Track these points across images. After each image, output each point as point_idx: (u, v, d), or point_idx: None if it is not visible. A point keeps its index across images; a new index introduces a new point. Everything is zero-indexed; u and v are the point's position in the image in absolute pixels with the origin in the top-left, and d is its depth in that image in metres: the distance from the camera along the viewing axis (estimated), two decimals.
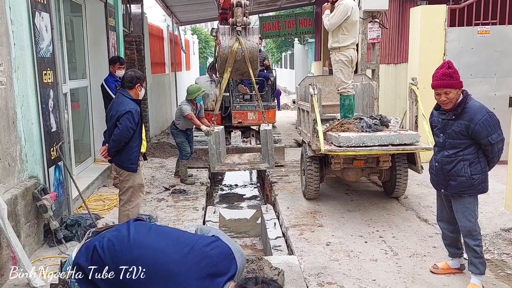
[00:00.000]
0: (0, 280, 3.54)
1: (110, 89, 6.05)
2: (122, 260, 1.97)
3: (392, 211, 5.42)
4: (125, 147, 4.33)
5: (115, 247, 2.01)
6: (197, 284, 1.90)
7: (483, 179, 3.49)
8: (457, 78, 3.41)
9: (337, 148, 4.92)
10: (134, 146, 4.39)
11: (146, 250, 1.99)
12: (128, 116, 4.21)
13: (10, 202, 3.71)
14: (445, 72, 3.43)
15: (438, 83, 3.45)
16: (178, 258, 1.95)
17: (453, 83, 3.40)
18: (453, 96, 3.43)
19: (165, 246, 2.00)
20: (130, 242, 2.02)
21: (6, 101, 3.91)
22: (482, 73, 7.30)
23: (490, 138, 3.38)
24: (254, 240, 5.88)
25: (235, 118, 8.64)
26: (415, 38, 7.56)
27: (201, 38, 27.02)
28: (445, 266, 3.84)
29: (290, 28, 16.64)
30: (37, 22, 4.29)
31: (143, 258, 1.96)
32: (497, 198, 5.40)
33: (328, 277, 3.77)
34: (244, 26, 6.14)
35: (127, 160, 4.37)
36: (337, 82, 5.88)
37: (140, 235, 2.06)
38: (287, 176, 7.13)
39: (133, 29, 9.52)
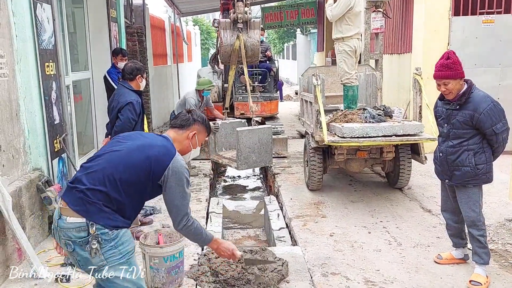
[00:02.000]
0: (5, 271, 3.56)
1: (113, 81, 6.03)
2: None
3: (396, 201, 5.41)
4: None
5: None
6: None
7: (487, 169, 3.48)
8: (456, 69, 3.37)
9: (341, 139, 4.91)
10: None
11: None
12: (129, 107, 4.19)
13: (15, 194, 3.72)
14: (443, 63, 3.40)
15: (436, 74, 3.44)
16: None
17: (451, 74, 3.37)
18: (452, 87, 3.40)
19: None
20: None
21: (9, 93, 3.90)
22: (487, 63, 7.24)
23: (494, 128, 3.36)
24: (258, 231, 5.89)
25: (238, 109, 8.62)
26: (419, 27, 7.50)
27: (202, 29, 26.90)
28: (449, 256, 3.84)
29: (292, 18, 16.52)
30: (39, 14, 4.26)
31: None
32: (501, 189, 5.39)
33: (332, 268, 3.78)
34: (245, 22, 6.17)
35: None
36: (341, 72, 5.85)
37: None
38: (290, 167, 7.13)
39: (135, 21, 9.48)
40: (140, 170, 2.35)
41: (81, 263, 2.34)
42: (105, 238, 2.28)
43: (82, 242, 2.27)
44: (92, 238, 2.26)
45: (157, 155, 2.38)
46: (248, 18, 6.51)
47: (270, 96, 9.11)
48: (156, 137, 2.53)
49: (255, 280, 3.31)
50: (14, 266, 3.55)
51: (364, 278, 3.59)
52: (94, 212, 2.28)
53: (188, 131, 2.59)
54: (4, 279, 3.51)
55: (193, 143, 2.62)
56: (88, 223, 2.27)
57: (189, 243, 4.10)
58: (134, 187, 2.36)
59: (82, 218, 2.28)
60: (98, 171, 2.35)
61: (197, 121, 2.62)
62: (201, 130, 2.66)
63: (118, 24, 7.45)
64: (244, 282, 3.30)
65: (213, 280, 3.40)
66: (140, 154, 2.38)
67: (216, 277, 3.40)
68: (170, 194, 2.41)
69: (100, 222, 2.28)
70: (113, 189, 2.31)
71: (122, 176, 2.33)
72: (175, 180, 2.39)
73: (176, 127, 2.60)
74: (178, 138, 2.57)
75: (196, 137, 2.62)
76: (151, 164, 2.36)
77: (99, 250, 2.27)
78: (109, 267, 2.31)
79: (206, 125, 2.69)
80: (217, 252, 2.71)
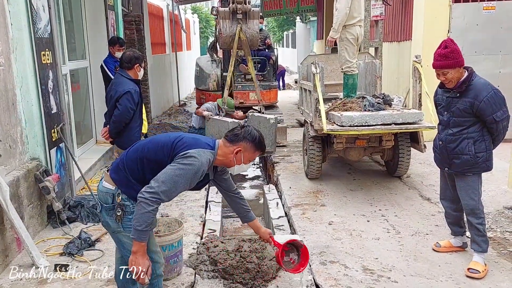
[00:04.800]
0: (5, 260, 3.57)
1: (109, 70, 5.96)
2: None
3: (395, 190, 5.41)
4: (126, 128, 4.31)
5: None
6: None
7: (487, 157, 3.47)
8: (454, 57, 3.33)
9: (340, 128, 4.88)
10: (135, 126, 4.37)
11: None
12: (127, 96, 4.17)
13: (12, 184, 3.71)
14: (441, 52, 3.37)
15: (435, 64, 3.42)
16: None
17: (449, 63, 3.33)
18: (451, 76, 3.37)
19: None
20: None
21: (5, 82, 3.87)
22: (487, 50, 7.19)
23: (495, 116, 3.34)
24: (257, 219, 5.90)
25: (237, 98, 8.58)
26: (419, 14, 7.43)
27: (201, 17, 26.67)
28: (448, 244, 3.84)
29: (292, 6, 16.38)
30: (34, 2, 4.21)
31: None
32: (501, 177, 5.39)
33: (331, 256, 3.78)
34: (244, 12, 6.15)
35: (128, 141, 4.34)
36: (342, 60, 5.78)
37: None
38: (289, 156, 7.12)
39: (132, 9, 9.38)
40: (165, 150, 2.48)
41: (104, 224, 2.65)
42: (127, 209, 2.50)
43: (107, 208, 2.53)
44: (117, 206, 2.49)
45: (187, 142, 2.49)
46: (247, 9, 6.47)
47: (270, 85, 9.08)
48: (203, 137, 2.67)
49: (254, 269, 3.31)
50: (14, 266, 3.55)
51: (362, 266, 3.60)
52: (122, 181, 2.51)
53: (234, 147, 2.60)
54: (4, 268, 3.52)
55: (236, 159, 2.61)
56: (115, 192, 2.51)
57: (188, 232, 4.12)
58: (155, 163, 2.47)
59: (113, 186, 2.52)
60: (139, 143, 2.64)
61: (246, 138, 2.60)
62: (249, 148, 2.62)
63: (115, 12, 7.37)
64: (243, 271, 3.30)
65: (212, 269, 3.41)
66: (174, 139, 2.53)
67: (214, 265, 3.41)
68: (166, 168, 2.40)
69: (125, 191, 2.50)
70: (140, 159, 2.50)
71: (151, 151, 2.51)
72: (180, 160, 2.40)
73: (227, 139, 2.64)
74: (224, 149, 2.61)
75: (241, 154, 2.61)
76: (176, 146, 2.48)
77: (122, 219, 2.50)
78: (124, 235, 2.53)
79: (256, 144, 2.63)
80: (132, 256, 2.39)
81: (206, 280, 3.35)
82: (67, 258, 3.73)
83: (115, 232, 2.57)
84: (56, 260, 3.68)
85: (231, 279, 3.30)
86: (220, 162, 2.61)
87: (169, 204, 4.98)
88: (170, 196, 2.39)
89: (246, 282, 3.26)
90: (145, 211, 2.30)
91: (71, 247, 3.81)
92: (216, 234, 4.37)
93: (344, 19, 5.48)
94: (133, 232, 2.35)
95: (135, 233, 2.35)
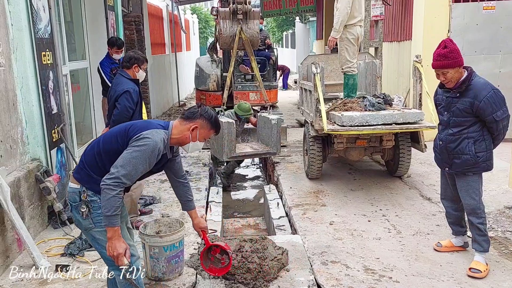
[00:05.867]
0: (5, 261, 3.56)
1: (104, 73, 5.88)
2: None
3: (395, 190, 5.41)
4: None
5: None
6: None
7: (487, 156, 3.46)
8: (453, 57, 3.33)
9: (340, 128, 4.88)
10: None
11: None
12: (126, 95, 4.16)
13: (13, 184, 3.70)
14: (440, 52, 3.37)
15: (434, 64, 3.42)
16: None
17: (448, 63, 3.33)
18: (451, 76, 3.37)
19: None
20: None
21: (6, 83, 3.87)
22: (487, 50, 7.19)
23: (495, 115, 3.33)
24: (257, 220, 5.90)
25: (237, 98, 8.57)
26: (419, 14, 7.43)
27: (201, 18, 26.67)
28: (449, 244, 3.84)
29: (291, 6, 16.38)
30: (34, 2, 4.21)
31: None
32: (501, 176, 5.39)
33: (332, 256, 3.78)
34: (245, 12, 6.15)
35: None
36: (342, 60, 5.78)
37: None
38: (290, 156, 7.12)
39: (132, 9, 9.38)
40: (120, 139, 2.55)
41: (76, 223, 2.69)
42: (94, 205, 2.56)
43: (75, 206, 2.60)
44: (82, 203, 2.56)
45: (139, 127, 2.57)
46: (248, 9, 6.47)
47: (270, 85, 9.07)
48: (153, 120, 2.74)
49: (255, 269, 3.31)
50: (15, 266, 3.55)
51: (364, 266, 3.60)
52: (84, 178, 2.57)
53: (191, 123, 2.67)
54: (4, 269, 3.51)
55: (192, 136, 2.67)
56: (81, 190, 2.57)
57: (189, 232, 4.11)
58: (112, 154, 2.52)
59: (78, 184, 2.59)
60: (94, 141, 2.68)
61: (203, 116, 2.68)
62: (205, 126, 2.69)
63: (115, 12, 7.37)
64: (244, 271, 3.30)
65: None
66: (126, 127, 2.60)
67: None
68: (126, 150, 2.48)
69: (89, 187, 2.55)
70: (97, 153, 2.58)
71: (106, 143, 2.58)
72: (134, 143, 2.47)
73: (183, 117, 2.71)
74: (179, 127, 2.67)
75: (197, 131, 2.67)
76: (130, 133, 2.54)
77: (89, 215, 2.57)
78: (96, 230, 2.59)
79: (212, 122, 2.71)
80: (108, 243, 2.45)
81: (208, 281, 3.34)
82: (68, 258, 3.72)
83: (88, 229, 2.61)
84: (57, 261, 3.68)
85: (232, 279, 3.29)
86: (176, 141, 2.67)
87: (169, 205, 4.98)
88: (132, 178, 2.46)
89: (248, 282, 3.26)
90: (110, 196, 2.38)
91: (72, 248, 3.80)
92: (217, 235, 4.37)
93: (345, 19, 5.48)
94: (104, 219, 2.44)
95: (105, 220, 2.43)
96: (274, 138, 5.85)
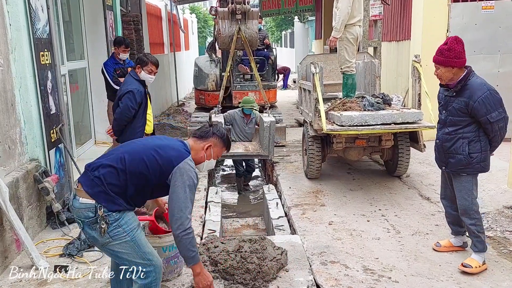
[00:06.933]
0: (4, 262, 3.55)
1: (108, 74, 5.82)
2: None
3: (394, 189, 5.41)
4: (128, 127, 4.40)
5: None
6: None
7: (482, 158, 3.43)
8: (447, 56, 3.32)
9: (339, 128, 4.88)
10: (137, 127, 4.44)
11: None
12: (129, 95, 4.25)
13: (12, 185, 3.69)
14: (440, 47, 3.39)
15: (433, 58, 3.42)
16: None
17: (440, 60, 3.34)
18: (441, 73, 3.37)
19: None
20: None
21: (4, 83, 3.85)
22: (486, 50, 7.19)
23: (489, 117, 3.29)
24: (257, 220, 5.90)
25: (236, 98, 8.56)
26: (418, 14, 7.43)
27: (200, 17, 26.65)
28: (448, 244, 3.84)
29: (290, 6, 16.39)
30: (33, 2, 4.19)
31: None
32: (500, 176, 5.39)
33: (331, 256, 3.78)
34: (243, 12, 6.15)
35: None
36: (341, 60, 5.77)
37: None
38: (289, 156, 7.12)
39: (131, 9, 9.35)
40: (150, 166, 2.53)
41: (91, 240, 2.62)
42: (110, 219, 2.50)
43: (89, 222, 2.50)
44: (101, 219, 2.48)
45: (170, 155, 2.57)
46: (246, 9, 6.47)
47: (269, 85, 9.06)
48: (175, 142, 2.73)
49: (254, 269, 3.31)
50: (15, 266, 3.54)
51: (363, 266, 3.60)
52: (101, 196, 2.49)
53: (204, 143, 2.75)
54: (3, 270, 3.50)
55: (207, 154, 2.75)
56: (96, 205, 2.48)
57: None
58: (139, 178, 2.53)
59: (92, 200, 2.50)
60: (115, 154, 2.60)
61: (215, 134, 2.78)
62: (218, 144, 2.79)
63: (114, 12, 7.35)
64: (243, 272, 3.30)
65: (212, 270, 3.40)
66: (154, 152, 2.57)
67: (215, 266, 3.40)
68: (174, 193, 2.53)
69: (104, 204, 2.48)
70: (122, 171, 2.51)
71: (133, 164, 2.53)
72: (180, 181, 2.53)
73: (196, 137, 2.78)
74: (195, 147, 2.74)
75: (211, 149, 2.76)
76: (162, 162, 2.54)
77: (106, 230, 2.49)
78: (115, 244, 2.54)
79: (224, 140, 2.81)
80: (196, 278, 2.65)
81: None
82: (67, 259, 3.71)
83: (105, 244, 2.55)
84: (56, 261, 3.67)
85: (231, 280, 3.29)
86: (194, 160, 2.70)
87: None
88: (191, 210, 2.59)
89: (247, 282, 3.25)
90: (189, 241, 2.52)
91: (71, 248, 3.79)
92: (216, 235, 4.37)
93: (346, 18, 5.48)
94: (188, 260, 2.58)
95: (191, 261, 2.58)
96: (266, 140, 5.86)
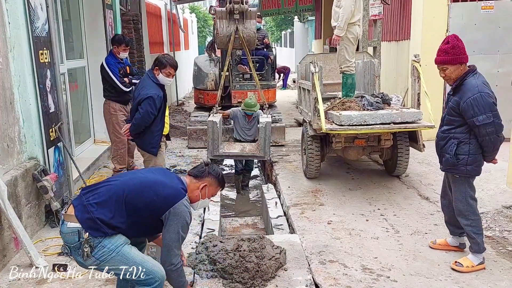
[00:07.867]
0: (2, 260, 3.55)
1: (114, 74, 5.58)
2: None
3: (393, 189, 5.41)
4: (147, 131, 4.35)
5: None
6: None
7: (469, 161, 3.38)
8: (454, 53, 3.29)
9: (339, 127, 4.88)
10: (156, 130, 4.41)
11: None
12: (149, 101, 4.18)
13: (10, 183, 3.69)
14: (442, 47, 3.36)
15: (435, 59, 3.42)
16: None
17: (448, 59, 3.31)
18: (450, 73, 3.35)
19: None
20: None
21: (3, 81, 3.85)
22: (485, 50, 7.19)
23: (475, 119, 3.24)
24: (256, 219, 5.90)
25: (235, 97, 8.56)
26: (418, 14, 7.43)
27: (199, 16, 26.62)
28: (443, 242, 3.85)
29: (290, 5, 16.38)
30: (32, 1, 4.19)
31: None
32: (499, 176, 5.39)
33: (330, 255, 3.78)
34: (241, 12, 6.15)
35: (148, 144, 4.42)
36: (341, 60, 5.77)
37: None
38: (288, 156, 7.11)
39: (130, 8, 9.35)
40: (148, 203, 2.56)
41: (80, 265, 2.59)
42: (95, 242, 2.48)
43: (74, 247, 2.49)
44: (84, 242, 2.45)
45: (167, 194, 2.59)
46: (244, 9, 6.46)
47: (268, 84, 9.05)
48: (174, 179, 2.73)
49: (253, 268, 3.30)
50: (15, 266, 3.53)
51: (362, 266, 3.60)
52: (89, 223, 2.47)
53: (200, 182, 2.79)
54: (1, 268, 3.50)
55: (202, 194, 2.78)
56: (80, 229, 2.47)
57: None
58: (137, 213, 2.55)
59: (78, 223, 2.48)
60: (113, 183, 2.60)
61: (211, 174, 2.81)
62: (213, 183, 2.82)
63: (113, 11, 7.35)
64: (242, 270, 3.29)
65: (211, 269, 3.40)
66: (152, 189, 2.59)
67: (214, 265, 3.40)
68: (167, 232, 2.60)
69: (89, 232, 2.47)
70: (119, 207, 2.52)
71: (130, 199, 2.54)
72: (174, 221, 2.58)
73: (192, 175, 2.81)
74: (191, 186, 2.77)
75: (206, 189, 2.79)
76: (158, 199, 2.57)
77: (90, 254, 2.47)
78: (105, 263, 2.52)
79: (219, 179, 2.85)
80: None
81: (205, 280, 3.34)
82: (66, 258, 3.71)
83: (99, 267, 2.54)
84: (55, 260, 3.67)
85: (230, 279, 3.29)
86: (189, 198, 2.75)
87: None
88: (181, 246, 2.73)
89: (245, 281, 3.25)
90: (178, 273, 2.67)
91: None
92: (215, 234, 4.36)
93: (349, 17, 5.49)
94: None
95: (181, 287, 2.73)
96: (262, 141, 5.87)
